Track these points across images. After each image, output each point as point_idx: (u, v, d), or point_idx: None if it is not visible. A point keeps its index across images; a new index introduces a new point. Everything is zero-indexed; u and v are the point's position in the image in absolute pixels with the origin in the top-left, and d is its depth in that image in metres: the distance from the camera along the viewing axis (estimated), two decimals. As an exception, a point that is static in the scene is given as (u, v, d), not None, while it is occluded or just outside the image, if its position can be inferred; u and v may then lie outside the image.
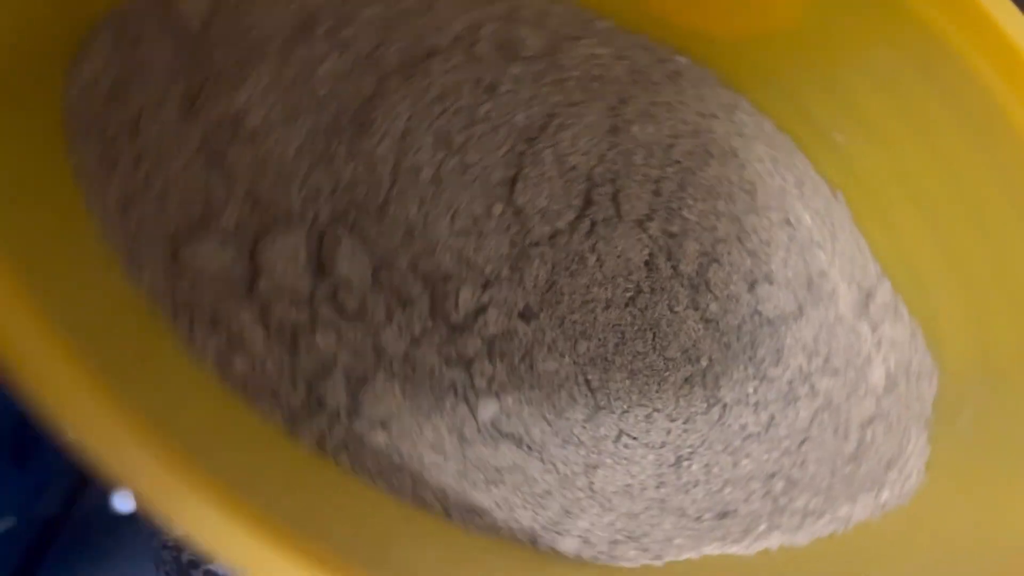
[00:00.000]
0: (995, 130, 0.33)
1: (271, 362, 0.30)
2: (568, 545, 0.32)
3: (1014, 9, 0.31)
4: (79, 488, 0.45)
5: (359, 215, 0.31)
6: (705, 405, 0.34)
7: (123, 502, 0.36)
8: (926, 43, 0.31)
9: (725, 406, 0.34)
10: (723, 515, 0.34)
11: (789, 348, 0.35)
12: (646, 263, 0.34)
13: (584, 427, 0.32)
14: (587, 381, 0.33)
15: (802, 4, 0.32)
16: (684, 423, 0.34)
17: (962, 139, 0.34)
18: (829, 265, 0.37)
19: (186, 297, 0.29)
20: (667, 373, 0.33)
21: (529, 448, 0.32)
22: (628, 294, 0.33)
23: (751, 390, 0.35)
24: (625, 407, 0.33)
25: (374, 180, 0.31)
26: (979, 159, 0.35)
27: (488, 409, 0.32)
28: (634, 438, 0.33)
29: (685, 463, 0.33)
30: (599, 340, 0.33)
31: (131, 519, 0.34)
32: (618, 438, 0.33)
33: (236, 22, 0.31)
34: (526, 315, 0.33)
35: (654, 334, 0.33)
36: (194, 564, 0.34)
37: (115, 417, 0.22)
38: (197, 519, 0.21)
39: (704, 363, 0.34)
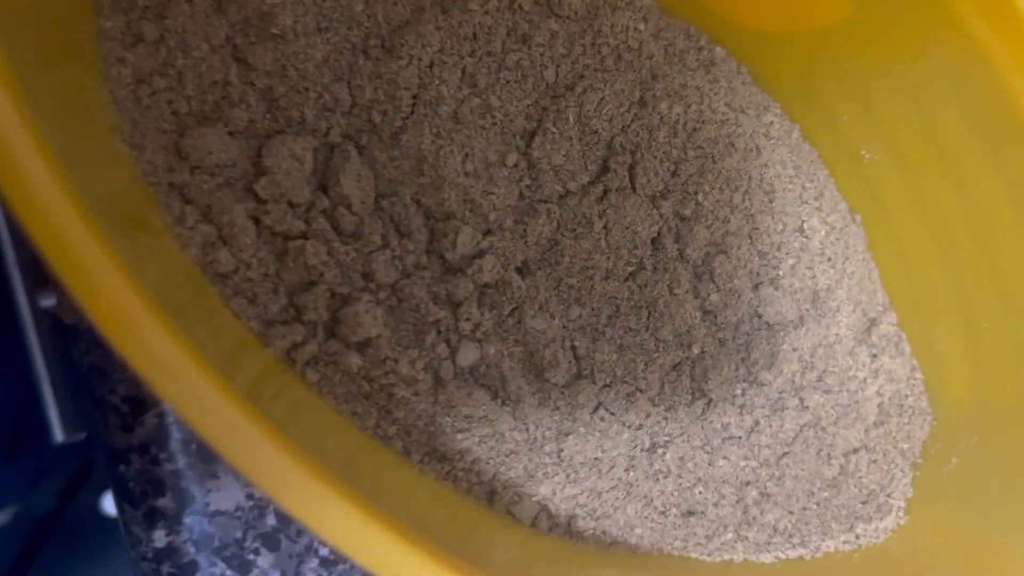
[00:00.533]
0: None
1: (256, 263, 0.29)
2: (525, 510, 0.30)
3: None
4: (74, 487, 0.44)
5: (372, 137, 0.31)
6: (690, 396, 0.33)
7: (111, 504, 0.36)
8: (971, 63, 0.31)
9: (710, 401, 0.33)
10: (690, 513, 0.33)
11: (784, 356, 0.34)
12: (653, 241, 0.33)
13: (563, 392, 0.31)
14: (574, 347, 0.32)
15: (851, 4, 0.32)
16: (666, 410, 0.33)
17: (994, 180, 0.34)
18: (837, 284, 0.36)
19: (183, 180, 0.28)
20: (656, 355, 0.32)
21: (503, 402, 0.31)
22: (630, 268, 0.33)
23: (739, 391, 0.34)
24: (608, 380, 0.32)
25: (393, 104, 0.31)
26: (1009, 205, 0.34)
27: (469, 354, 0.31)
28: (612, 413, 0.32)
29: (660, 450, 0.32)
30: (592, 309, 0.32)
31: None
32: (595, 410, 0.32)
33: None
34: (523, 270, 0.32)
35: (649, 313, 0.33)
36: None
37: (88, 246, 0.21)
38: (147, 357, 0.21)
39: (696, 352, 0.33)
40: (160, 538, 0.33)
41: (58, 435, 0.37)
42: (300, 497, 0.20)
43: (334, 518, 0.21)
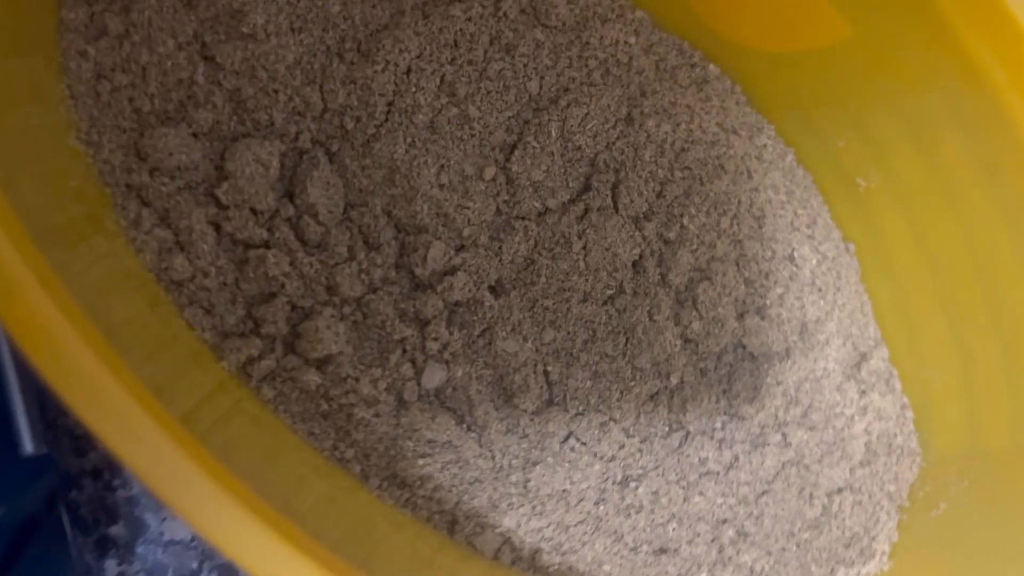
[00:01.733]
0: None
1: (215, 272, 0.28)
2: (488, 542, 0.29)
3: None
4: (63, 488, 0.44)
5: (343, 144, 0.29)
6: (667, 428, 0.32)
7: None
8: (974, 91, 0.30)
9: (688, 434, 0.32)
10: (662, 551, 0.31)
11: (768, 389, 0.33)
12: (634, 264, 0.32)
13: (532, 419, 0.30)
14: (546, 372, 0.31)
15: (849, 24, 0.30)
16: (640, 441, 0.31)
17: (994, 212, 0.33)
18: (827, 315, 0.35)
19: (141, 181, 0.27)
20: (633, 383, 0.31)
21: (469, 428, 0.30)
22: (609, 291, 0.31)
23: (719, 424, 0.32)
24: (580, 409, 0.31)
25: (367, 111, 0.29)
26: (1010, 239, 0.33)
27: (435, 376, 0.29)
28: (583, 443, 0.30)
29: (632, 484, 0.31)
30: (568, 332, 0.31)
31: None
32: (566, 439, 0.30)
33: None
34: (496, 289, 0.31)
35: (627, 339, 0.31)
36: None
37: (24, 269, 0.20)
38: (92, 394, 0.19)
39: (674, 382, 0.32)
40: (111, 568, 0.32)
41: (28, 447, 0.36)
42: (228, 532, 0.19)
43: (266, 555, 0.19)
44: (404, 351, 0.29)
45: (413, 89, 0.30)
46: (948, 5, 0.29)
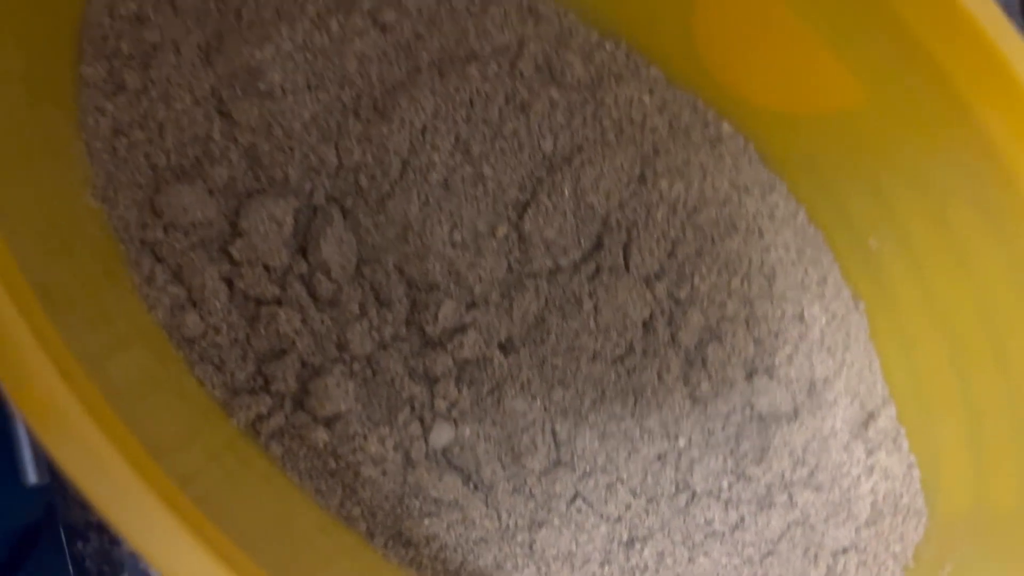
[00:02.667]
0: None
1: (226, 328, 0.28)
2: (493, 603, 0.29)
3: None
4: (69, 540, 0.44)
5: (357, 200, 0.30)
6: (673, 488, 0.32)
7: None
8: (986, 158, 0.30)
9: (694, 494, 0.32)
10: (667, 612, 0.31)
11: (775, 450, 0.33)
12: (644, 324, 0.32)
13: (539, 479, 0.30)
14: (554, 432, 0.31)
15: (865, 90, 0.31)
16: (647, 502, 0.31)
17: (1005, 276, 0.33)
18: (835, 375, 0.35)
19: (155, 238, 0.28)
20: (640, 444, 0.31)
21: (476, 487, 0.30)
22: (618, 351, 0.32)
23: (725, 484, 0.33)
24: (588, 469, 0.31)
25: (381, 169, 0.30)
26: (1018, 301, 0.33)
27: (443, 435, 0.30)
28: (590, 504, 0.31)
29: (638, 545, 0.31)
30: (576, 391, 0.31)
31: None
32: (573, 500, 0.31)
33: (279, -23, 0.30)
34: (506, 347, 0.31)
35: (636, 399, 0.31)
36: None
37: (32, 336, 0.20)
38: (96, 470, 0.20)
39: (682, 443, 0.32)
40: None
41: (31, 477, 0.36)
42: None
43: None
44: (412, 409, 0.30)
45: (428, 148, 0.30)
46: (963, 77, 0.30)
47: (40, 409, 0.20)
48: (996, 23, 0.29)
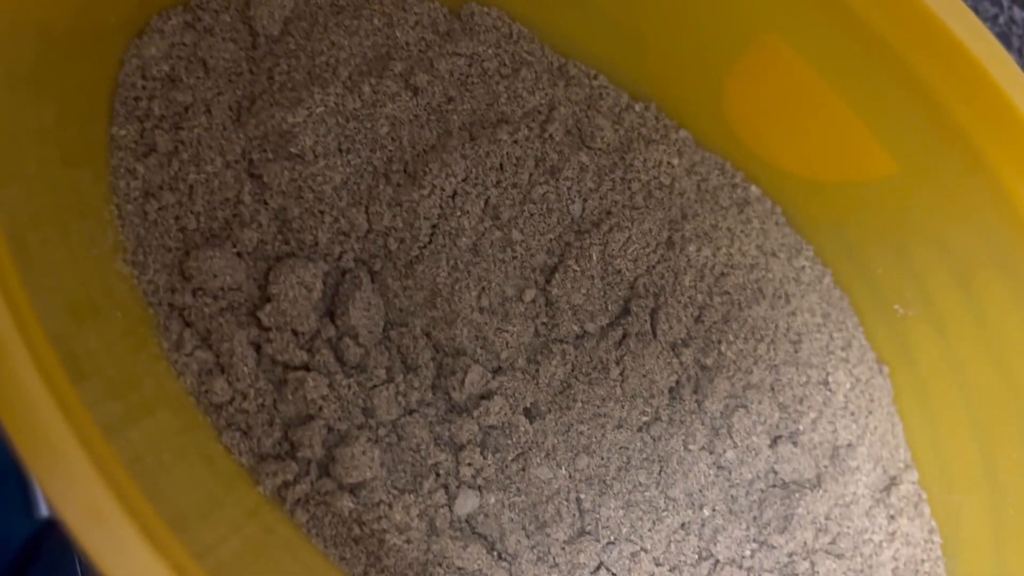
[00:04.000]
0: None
1: (254, 394, 0.29)
2: (515, 673, 0.30)
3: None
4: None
5: (386, 264, 0.30)
6: (696, 556, 0.32)
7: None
8: (1015, 230, 0.30)
9: (717, 563, 0.32)
10: None
11: (799, 519, 0.33)
12: (670, 391, 0.32)
13: (564, 548, 0.31)
14: (579, 500, 0.31)
15: (895, 160, 0.31)
16: (669, 570, 0.32)
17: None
18: (858, 440, 0.35)
19: (184, 302, 0.28)
20: (665, 513, 0.32)
21: (499, 556, 0.30)
22: (644, 418, 0.32)
23: (748, 552, 0.33)
24: (612, 538, 0.31)
25: (411, 233, 0.30)
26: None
27: (468, 503, 0.30)
28: (614, 574, 0.31)
29: (661, 614, 0.31)
30: (602, 459, 0.31)
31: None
32: (597, 570, 0.31)
33: (310, 40, 0.31)
34: (531, 413, 0.31)
35: (661, 468, 0.32)
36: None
37: (56, 406, 0.20)
38: (116, 545, 0.20)
39: (707, 513, 0.32)
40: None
41: (43, 510, 0.36)
42: None
43: None
44: (437, 476, 0.30)
45: (458, 213, 0.31)
46: (992, 148, 0.30)
47: (57, 480, 0.20)
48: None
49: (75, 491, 0.20)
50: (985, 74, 0.30)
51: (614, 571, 0.31)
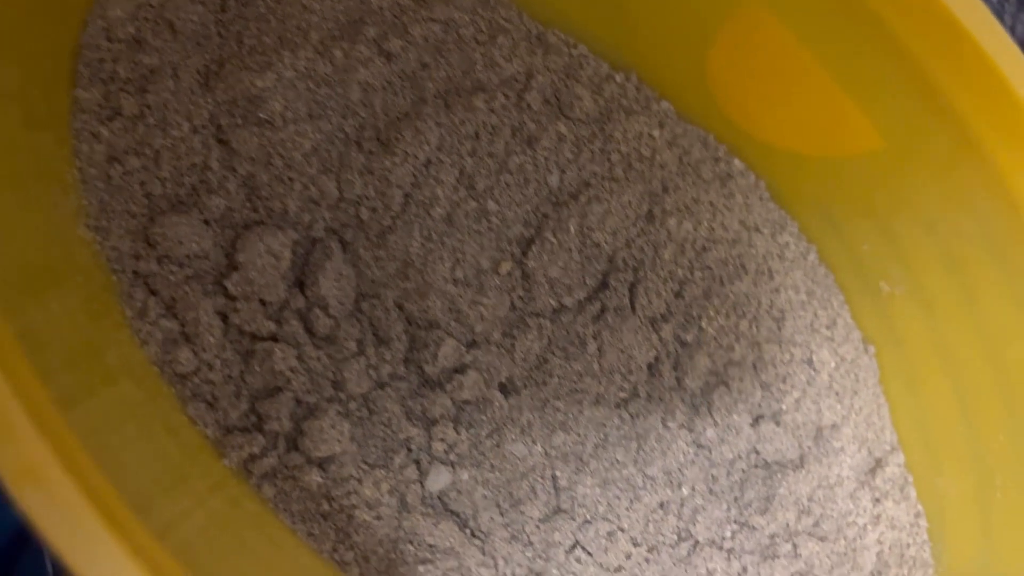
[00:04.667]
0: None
1: (220, 365, 0.28)
2: (487, 653, 0.29)
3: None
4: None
5: (357, 234, 0.30)
6: (675, 537, 0.32)
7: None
8: (1003, 206, 0.30)
9: (696, 544, 0.32)
10: (666, 665, 0.31)
11: (781, 499, 0.33)
12: (649, 367, 0.32)
13: (538, 527, 0.30)
14: (554, 477, 0.31)
15: (882, 135, 0.31)
16: (647, 551, 0.31)
17: (1018, 325, 0.33)
18: (843, 420, 0.35)
19: (149, 270, 0.28)
20: (643, 492, 0.31)
21: (472, 534, 0.30)
22: (622, 395, 0.32)
23: (728, 534, 0.32)
24: (588, 517, 0.31)
25: (383, 202, 0.30)
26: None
27: (440, 479, 0.30)
28: (589, 554, 0.31)
29: (638, 595, 0.31)
30: (578, 436, 0.31)
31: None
32: (572, 549, 0.31)
33: (281, 3, 0.30)
34: (507, 388, 0.31)
35: (639, 446, 0.31)
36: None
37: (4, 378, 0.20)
38: (70, 523, 0.19)
39: (685, 492, 0.32)
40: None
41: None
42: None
43: None
44: (409, 451, 0.30)
45: (432, 182, 0.30)
46: (981, 123, 0.30)
47: (9, 461, 0.19)
48: (1017, 70, 0.29)
49: (21, 461, 0.19)
50: (978, 49, 0.29)
51: (590, 550, 0.31)
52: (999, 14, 0.45)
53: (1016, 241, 0.32)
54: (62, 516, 0.19)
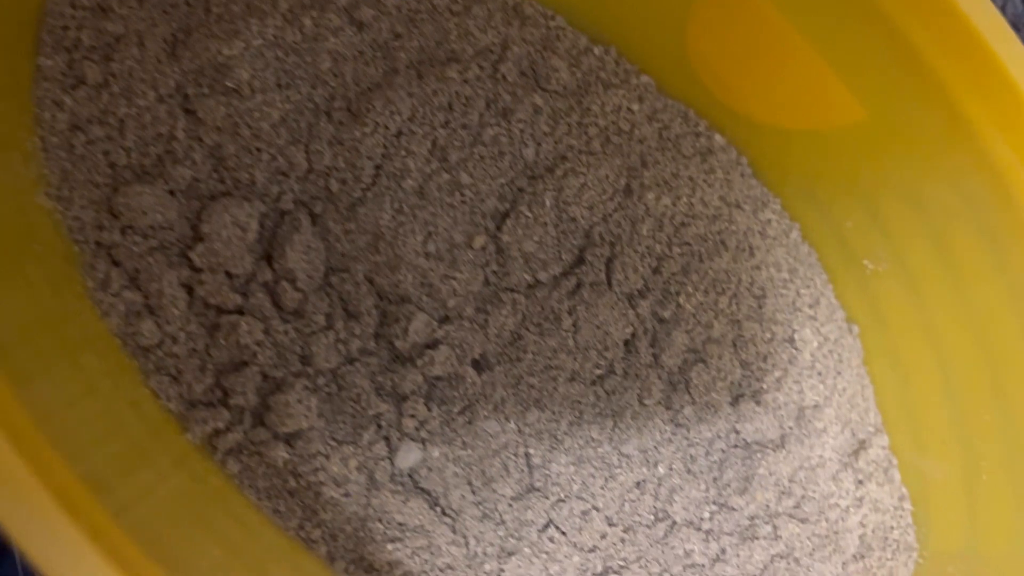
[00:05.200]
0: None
1: (184, 338, 0.28)
2: (457, 633, 0.29)
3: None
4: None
5: (327, 206, 0.29)
6: (652, 518, 0.32)
7: None
8: (988, 181, 0.30)
9: (673, 524, 0.32)
10: (641, 647, 0.31)
11: (760, 480, 0.32)
12: (626, 343, 0.32)
13: (511, 505, 0.30)
14: (527, 455, 0.30)
15: (865, 107, 0.30)
16: (623, 531, 0.31)
17: (1004, 304, 0.33)
18: (825, 401, 0.35)
19: (112, 240, 0.27)
20: (618, 471, 0.31)
21: (443, 512, 0.29)
22: (598, 371, 0.31)
23: (707, 514, 0.32)
24: (562, 496, 0.30)
25: (353, 173, 0.29)
26: (1018, 332, 0.33)
27: (409, 456, 0.29)
28: (563, 533, 0.30)
29: (613, 576, 0.31)
30: (552, 413, 0.31)
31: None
32: (545, 528, 0.30)
33: (251, -31, 0.30)
34: (480, 364, 0.31)
35: (615, 423, 0.31)
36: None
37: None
38: (26, 506, 0.19)
39: (662, 471, 0.31)
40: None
41: None
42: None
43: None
44: (379, 428, 0.29)
45: (403, 153, 0.30)
46: (966, 97, 0.29)
47: None
48: (1004, 42, 0.29)
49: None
50: (965, 21, 0.29)
51: (563, 529, 0.30)
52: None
53: (1003, 218, 0.31)
54: (13, 499, 0.19)
